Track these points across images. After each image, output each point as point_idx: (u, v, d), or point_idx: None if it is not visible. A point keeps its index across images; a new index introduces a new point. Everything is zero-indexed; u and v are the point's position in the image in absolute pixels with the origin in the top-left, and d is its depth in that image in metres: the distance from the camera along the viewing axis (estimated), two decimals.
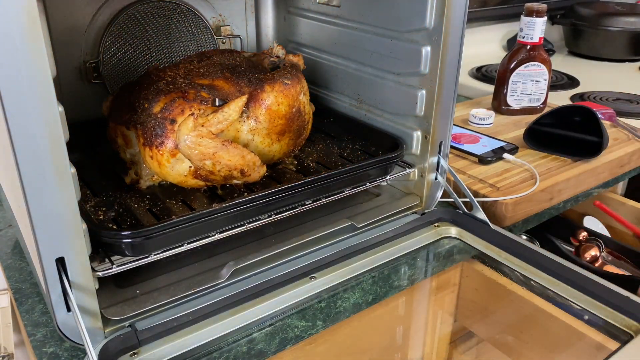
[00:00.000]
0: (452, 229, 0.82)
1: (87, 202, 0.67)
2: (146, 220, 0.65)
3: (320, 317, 0.65)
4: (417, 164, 0.82)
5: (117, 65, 0.90)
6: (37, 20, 0.43)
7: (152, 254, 0.60)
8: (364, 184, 0.77)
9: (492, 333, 0.85)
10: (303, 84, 0.77)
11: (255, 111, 0.71)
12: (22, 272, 0.71)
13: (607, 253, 1.12)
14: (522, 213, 0.89)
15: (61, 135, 0.47)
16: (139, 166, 0.71)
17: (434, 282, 0.82)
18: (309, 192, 0.70)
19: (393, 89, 0.83)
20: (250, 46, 1.05)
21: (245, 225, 0.66)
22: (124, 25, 0.89)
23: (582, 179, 0.97)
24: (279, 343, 0.62)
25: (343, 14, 0.89)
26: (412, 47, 0.77)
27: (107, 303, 0.60)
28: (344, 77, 0.93)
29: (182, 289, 0.63)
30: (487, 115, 1.14)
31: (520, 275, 0.75)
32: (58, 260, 0.51)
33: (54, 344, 0.59)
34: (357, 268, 0.72)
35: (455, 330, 0.91)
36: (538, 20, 1.16)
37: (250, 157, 0.68)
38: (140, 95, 0.69)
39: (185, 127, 0.64)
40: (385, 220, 0.80)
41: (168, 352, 0.58)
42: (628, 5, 1.71)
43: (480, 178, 0.92)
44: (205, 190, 0.72)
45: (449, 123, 0.78)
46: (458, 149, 1.01)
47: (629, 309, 0.65)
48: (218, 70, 0.75)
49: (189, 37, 0.96)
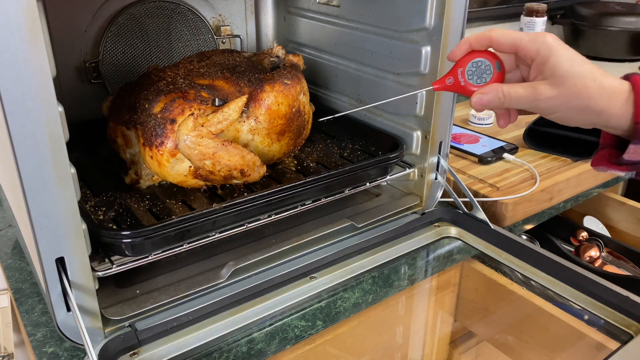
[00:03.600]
0: (452, 229, 0.82)
1: (87, 202, 0.67)
2: (146, 220, 0.65)
3: (320, 317, 0.65)
4: (417, 164, 0.82)
5: (117, 65, 0.90)
6: (37, 20, 0.43)
7: (152, 254, 0.60)
8: (364, 184, 0.77)
9: (492, 333, 0.85)
10: (303, 84, 0.77)
11: (255, 111, 0.71)
12: (22, 272, 0.71)
13: (607, 253, 1.12)
14: (522, 213, 0.89)
15: (61, 135, 0.47)
16: (139, 166, 0.71)
17: (434, 282, 0.82)
18: (309, 192, 0.70)
19: (393, 89, 0.83)
20: (250, 46, 1.05)
21: (245, 225, 0.66)
22: (124, 25, 0.89)
23: (582, 179, 0.97)
24: (279, 343, 0.62)
25: (343, 14, 0.89)
26: (412, 47, 0.77)
27: (107, 303, 0.60)
28: (344, 77, 0.93)
29: (182, 289, 0.63)
30: (487, 115, 1.14)
31: (520, 275, 0.75)
32: (58, 260, 0.51)
33: (54, 344, 0.59)
34: (357, 268, 0.72)
35: (455, 330, 0.91)
36: (538, 20, 1.16)
37: (250, 157, 0.68)
38: (141, 95, 0.69)
39: (185, 127, 0.64)
40: (385, 220, 0.80)
41: (168, 352, 0.58)
42: (628, 5, 1.71)
43: (480, 178, 0.92)
44: (205, 190, 0.72)
45: (449, 123, 0.78)
46: (458, 149, 1.01)
47: (629, 309, 0.65)
48: (218, 70, 0.75)
49: (189, 37, 0.96)
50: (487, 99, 0.54)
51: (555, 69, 0.51)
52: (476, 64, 0.55)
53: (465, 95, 0.56)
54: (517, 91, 0.53)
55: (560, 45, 0.51)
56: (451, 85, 0.57)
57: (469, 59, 0.55)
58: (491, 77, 0.55)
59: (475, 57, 0.55)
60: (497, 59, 0.55)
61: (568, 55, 0.51)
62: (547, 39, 0.51)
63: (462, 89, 0.57)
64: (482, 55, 0.55)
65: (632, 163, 0.52)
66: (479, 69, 0.55)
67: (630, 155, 0.51)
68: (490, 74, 0.55)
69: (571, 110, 0.51)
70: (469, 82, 0.56)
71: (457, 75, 0.56)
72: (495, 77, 0.55)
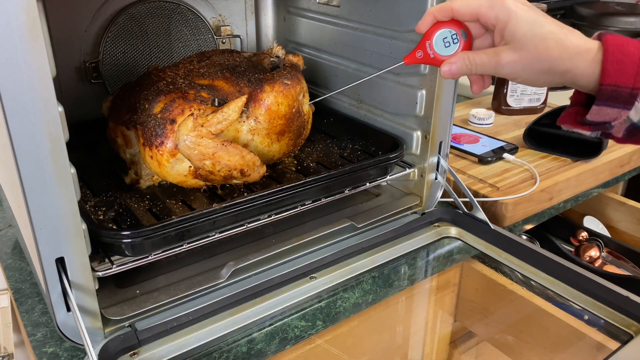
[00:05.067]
0: (452, 229, 0.82)
1: (87, 202, 0.67)
2: (146, 220, 0.65)
3: (320, 317, 0.65)
4: (417, 164, 0.82)
5: (117, 65, 0.90)
6: (37, 20, 0.43)
7: (152, 254, 0.60)
8: (364, 184, 0.77)
9: (492, 333, 0.85)
10: (303, 85, 0.77)
11: (255, 111, 0.71)
12: (22, 272, 0.71)
13: (607, 253, 1.12)
14: (522, 213, 0.89)
15: (61, 135, 0.47)
16: (139, 166, 0.71)
17: (434, 282, 0.82)
18: (309, 192, 0.70)
19: (393, 89, 0.83)
20: (250, 46, 1.05)
21: (245, 225, 0.66)
22: (124, 25, 0.89)
23: (582, 179, 0.97)
24: (279, 343, 0.62)
25: (343, 14, 0.89)
26: (412, 47, 0.77)
27: (107, 303, 0.60)
28: (344, 77, 0.93)
29: (182, 289, 0.63)
30: (487, 115, 1.14)
31: (520, 275, 0.75)
32: (58, 260, 0.51)
33: (54, 344, 0.59)
34: (357, 268, 0.72)
35: (455, 330, 0.91)
36: None
37: (250, 157, 0.68)
38: (141, 95, 0.69)
39: (185, 127, 0.64)
40: (385, 220, 0.80)
41: (168, 352, 0.58)
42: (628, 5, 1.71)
43: (480, 178, 0.92)
44: (205, 190, 0.72)
45: (449, 123, 0.78)
46: (458, 149, 1.01)
47: (629, 309, 0.65)
48: (218, 71, 0.75)
49: (189, 37, 0.96)
50: (456, 67, 0.55)
51: (515, 33, 0.50)
52: (442, 35, 0.56)
53: (437, 65, 0.57)
54: (481, 58, 0.53)
55: (520, 8, 0.51)
56: (421, 58, 0.58)
57: (435, 30, 0.56)
58: (458, 45, 0.56)
59: (441, 28, 0.56)
60: (462, 27, 0.56)
61: (528, 18, 0.50)
62: (506, 2, 0.51)
63: (432, 60, 0.58)
64: (448, 25, 0.56)
65: (595, 124, 0.52)
66: (446, 39, 0.56)
67: (593, 116, 0.51)
68: (457, 43, 0.56)
69: (534, 73, 0.51)
70: (437, 53, 0.57)
71: (426, 47, 0.57)
72: (462, 45, 0.56)
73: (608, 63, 0.48)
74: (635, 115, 0.49)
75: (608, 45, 0.48)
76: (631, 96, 0.48)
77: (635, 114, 0.49)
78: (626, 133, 0.51)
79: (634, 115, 0.49)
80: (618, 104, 0.49)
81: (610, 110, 0.49)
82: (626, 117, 0.49)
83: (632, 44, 0.48)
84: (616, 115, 0.49)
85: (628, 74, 0.47)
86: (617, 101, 0.48)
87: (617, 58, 0.48)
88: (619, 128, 0.51)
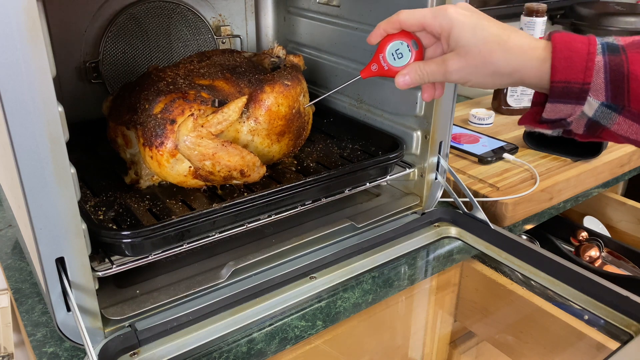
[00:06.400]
0: (452, 229, 0.82)
1: (87, 202, 0.67)
2: (146, 220, 0.65)
3: (320, 317, 0.65)
4: (417, 164, 0.82)
5: (117, 65, 0.90)
6: (37, 20, 0.43)
7: (152, 254, 0.60)
8: (364, 184, 0.77)
9: (492, 333, 0.85)
10: (303, 85, 0.77)
11: (255, 112, 0.71)
12: (22, 272, 0.71)
13: (607, 253, 1.12)
14: (522, 213, 0.89)
15: (61, 135, 0.47)
16: (139, 166, 0.71)
17: (434, 282, 0.82)
18: (309, 192, 0.70)
19: (393, 89, 0.83)
20: (250, 46, 1.05)
21: (245, 225, 0.66)
22: (124, 25, 0.89)
23: (582, 179, 0.97)
24: (279, 343, 0.62)
25: (343, 14, 0.89)
26: None
27: (107, 303, 0.60)
28: (344, 77, 0.93)
29: (182, 289, 0.63)
30: (487, 115, 1.14)
31: (520, 275, 0.75)
32: (58, 260, 0.51)
33: (54, 344, 0.59)
34: (357, 268, 0.72)
35: (455, 330, 0.91)
36: (538, 20, 1.16)
37: (249, 157, 0.68)
38: (141, 95, 0.69)
39: (185, 127, 0.64)
40: (385, 220, 0.80)
41: (168, 352, 0.58)
42: (628, 5, 1.71)
43: (480, 178, 0.92)
44: (205, 190, 0.72)
45: (449, 123, 0.78)
46: (458, 149, 1.01)
47: (629, 309, 0.65)
48: (218, 71, 0.75)
49: (189, 37, 0.96)
50: (409, 78, 0.56)
51: (459, 40, 0.51)
52: (394, 47, 0.57)
53: (392, 77, 0.58)
54: (430, 67, 0.54)
55: (462, 15, 0.51)
56: (377, 71, 0.59)
57: (387, 42, 0.57)
58: (410, 56, 0.57)
59: (392, 40, 0.57)
60: (412, 38, 0.56)
61: (470, 23, 0.51)
62: (448, 11, 0.52)
63: (387, 72, 0.59)
64: (398, 37, 0.57)
65: (552, 121, 0.52)
66: (398, 50, 0.57)
67: (548, 114, 0.51)
68: (409, 54, 0.57)
69: (482, 76, 0.52)
70: (391, 65, 0.58)
71: (380, 60, 0.58)
72: (414, 55, 0.57)
73: (557, 60, 0.48)
74: (590, 110, 0.49)
75: (555, 43, 0.49)
76: (582, 91, 0.48)
77: (589, 109, 0.49)
78: (586, 129, 0.51)
79: (588, 109, 0.49)
80: (571, 100, 0.49)
81: (564, 106, 0.50)
82: (581, 112, 0.50)
83: (579, 40, 0.49)
84: (570, 111, 0.50)
85: (577, 70, 0.48)
86: (569, 97, 0.49)
87: (565, 55, 0.48)
88: (577, 124, 0.51)
